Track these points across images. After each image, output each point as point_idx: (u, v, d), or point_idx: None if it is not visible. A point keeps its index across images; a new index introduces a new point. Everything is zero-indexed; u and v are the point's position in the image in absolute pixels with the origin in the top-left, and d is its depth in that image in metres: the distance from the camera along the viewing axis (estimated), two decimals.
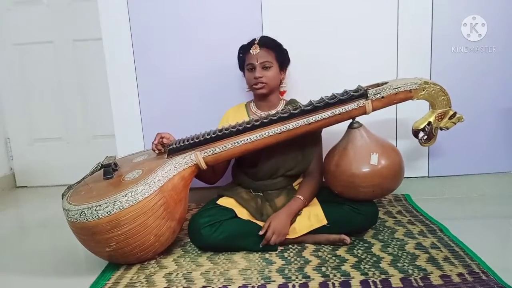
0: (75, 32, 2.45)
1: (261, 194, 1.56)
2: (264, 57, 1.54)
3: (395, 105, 1.48)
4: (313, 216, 1.46)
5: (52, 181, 2.54)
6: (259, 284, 1.21)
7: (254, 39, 1.59)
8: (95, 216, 1.25)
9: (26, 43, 2.48)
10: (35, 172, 2.59)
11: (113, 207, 1.25)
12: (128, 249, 1.30)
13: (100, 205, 1.25)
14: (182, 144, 1.45)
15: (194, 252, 1.46)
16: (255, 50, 1.54)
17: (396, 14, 1.81)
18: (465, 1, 1.81)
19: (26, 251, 1.64)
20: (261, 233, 1.42)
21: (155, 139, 1.52)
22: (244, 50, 1.60)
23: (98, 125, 2.52)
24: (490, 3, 1.81)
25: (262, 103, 1.63)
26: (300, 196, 1.48)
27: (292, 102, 1.60)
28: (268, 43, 1.57)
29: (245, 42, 1.62)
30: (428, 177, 1.94)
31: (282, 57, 1.59)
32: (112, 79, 1.89)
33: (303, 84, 1.81)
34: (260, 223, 1.45)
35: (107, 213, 1.25)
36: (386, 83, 1.46)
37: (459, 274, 1.18)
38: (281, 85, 1.63)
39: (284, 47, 1.62)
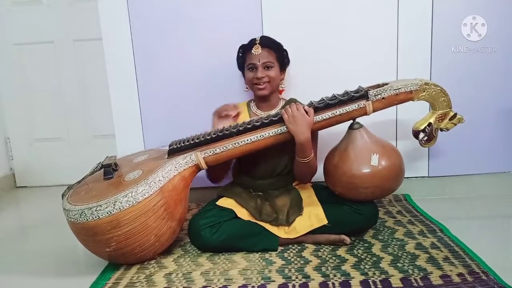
0: (75, 32, 2.45)
1: (261, 193, 1.56)
2: (266, 57, 1.53)
3: (395, 105, 1.48)
4: (313, 216, 1.46)
5: (52, 181, 2.53)
6: (259, 284, 1.21)
7: (255, 39, 1.58)
8: (96, 217, 1.25)
9: (26, 43, 2.47)
10: (35, 172, 2.59)
11: (114, 208, 1.25)
12: (128, 249, 1.30)
13: (100, 206, 1.25)
14: (182, 145, 1.45)
15: (194, 252, 1.46)
16: (256, 50, 1.54)
17: (396, 14, 1.81)
18: (465, 1, 1.81)
19: (26, 251, 1.64)
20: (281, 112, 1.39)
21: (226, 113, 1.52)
22: (244, 50, 1.60)
23: (98, 125, 2.51)
24: (490, 3, 1.81)
25: (262, 104, 1.63)
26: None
27: (291, 101, 1.60)
28: (269, 44, 1.57)
29: (245, 41, 1.61)
30: (428, 177, 1.94)
31: (282, 58, 1.59)
32: (112, 79, 1.89)
33: (303, 83, 1.81)
34: (260, 223, 1.45)
35: (108, 213, 1.25)
36: (386, 84, 1.46)
37: (459, 274, 1.18)
38: (280, 85, 1.63)
39: (284, 47, 1.61)
